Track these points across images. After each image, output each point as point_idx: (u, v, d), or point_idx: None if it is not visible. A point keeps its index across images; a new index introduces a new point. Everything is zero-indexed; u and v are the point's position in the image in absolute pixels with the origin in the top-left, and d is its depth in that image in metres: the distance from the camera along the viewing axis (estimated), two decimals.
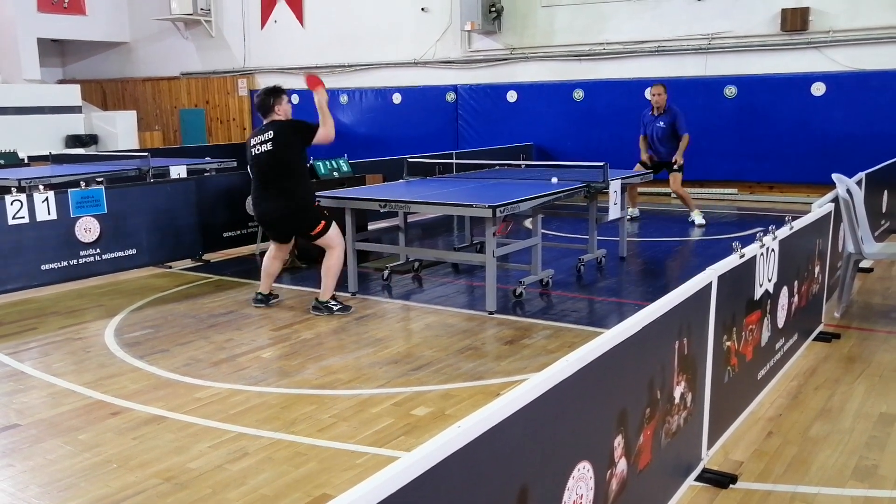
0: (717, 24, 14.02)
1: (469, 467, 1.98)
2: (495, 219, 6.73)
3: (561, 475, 2.45)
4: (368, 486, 1.66)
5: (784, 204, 13.21)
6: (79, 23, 20.68)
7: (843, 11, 13.03)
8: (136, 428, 4.73)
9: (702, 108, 14.07)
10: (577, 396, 2.50)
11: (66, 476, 4.12)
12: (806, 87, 13.31)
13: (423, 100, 17.11)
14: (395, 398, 5.09)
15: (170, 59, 21.07)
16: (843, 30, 13.07)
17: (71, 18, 20.46)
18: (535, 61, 15.92)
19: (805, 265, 5.47)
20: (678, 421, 3.41)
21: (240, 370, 5.69)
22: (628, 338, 2.81)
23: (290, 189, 6.92)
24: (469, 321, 6.83)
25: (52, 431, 4.70)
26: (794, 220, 5.02)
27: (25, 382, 5.56)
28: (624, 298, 7.52)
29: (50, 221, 7.78)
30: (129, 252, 8.55)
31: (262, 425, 4.71)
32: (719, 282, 3.71)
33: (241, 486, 3.97)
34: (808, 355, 5.71)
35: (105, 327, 6.87)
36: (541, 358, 5.75)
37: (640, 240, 10.14)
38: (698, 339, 3.56)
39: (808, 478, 3.90)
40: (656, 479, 3.28)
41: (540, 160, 15.14)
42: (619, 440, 2.82)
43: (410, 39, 17.22)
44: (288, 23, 18.84)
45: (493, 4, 15.85)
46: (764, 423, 4.57)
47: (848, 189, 6.52)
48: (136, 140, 19.69)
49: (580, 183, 8.04)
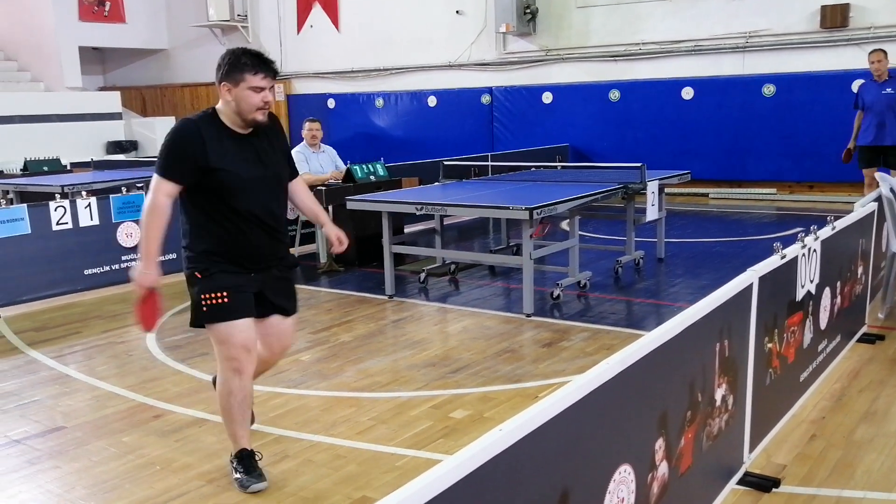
0: (755, 21, 13.87)
1: (511, 470, 1.98)
2: (532, 221, 6.71)
3: (602, 478, 2.44)
4: (413, 488, 1.67)
5: (825, 203, 13.04)
6: (118, 31, 20.97)
7: (885, 7, 12.83)
8: (179, 430, 4.78)
9: (740, 107, 13.96)
10: (617, 399, 2.49)
11: (110, 478, 4.18)
12: (847, 84, 13.10)
13: (458, 102, 17.13)
14: (434, 401, 5.10)
15: (207, 66, 21.07)
16: (885, 26, 12.86)
17: (111, 27, 20.76)
18: (571, 62, 15.87)
19: (848, 266, 5.40)
20: (719, 423, 3.38)
21: (279, 373, 5.72)
22: (669, 340, 2.79)
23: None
24: (506, 324, 6.82)
25: (97, 434, 4.76)
26: (836, 219, 4.96)
27: (70, 385, 5.64)
28: (662, 300, 7.47)
29: (92, 227, 7.90)
30: (169, 256, 8.60)
31: (301, 428, 4.73)
32: (760, 283, 3.67)
33: (282, 488, 3.99)
34: (852, 357, 5.64)
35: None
36: (579, 361, 5.72)
37: (679, 241, 10.06)
38: (739, 341, 3.53)
39: (853, 482, 3.85)
40: (698, 483, 3.25)
41: (576, 161, 15.10)
42: (661, 443, 2.80)
43: (445, 42, 17.24)
44: (324, 27, 18.95)
45: (527, 6, 15.82)
46: (807, 426, 4.52)
47: (891, 188, 6.43)
48: None
49: (617, 184, 8.00)
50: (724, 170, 14.18)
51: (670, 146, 14.44)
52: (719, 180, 14.33)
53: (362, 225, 9.05)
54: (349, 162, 9.58)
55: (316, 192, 8.71)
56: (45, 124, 17.70)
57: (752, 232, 10.72)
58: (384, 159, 10.09)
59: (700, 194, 14.26)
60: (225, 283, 3.91)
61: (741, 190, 14.14)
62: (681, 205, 13.26)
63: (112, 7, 20.72)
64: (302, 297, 7.92)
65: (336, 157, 9.73)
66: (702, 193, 14.23)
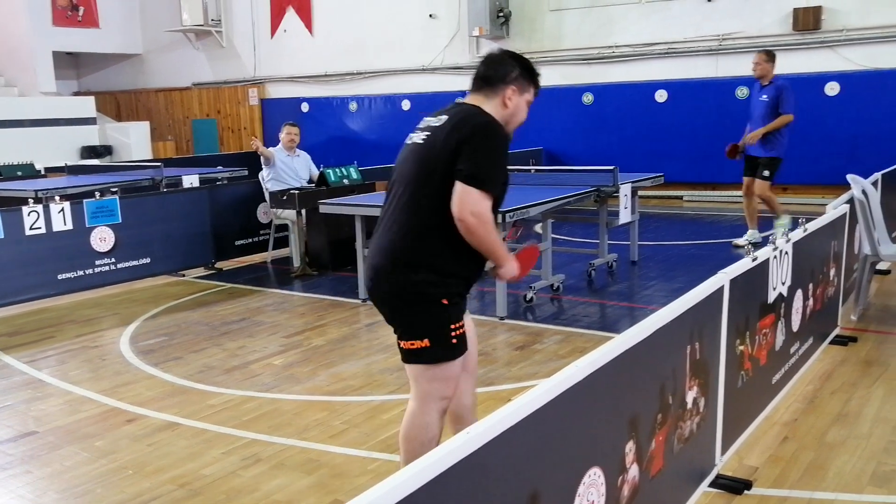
0: (728, 24, 13.97)
1: (479, 473, 1.97)
2: (505, 224, 6.72)
3: (572, 481, 2.44)
4: (378, 491, 1.66)
5: (798, 206, 13.12)
6: (93, 36, 20.81)
7: (856, 9, 12.94)
8: (151, 435, 4.75)
9: (713, 109, 14.04)
10: (587, 402, 2.49)
11: (82, 482, 4.15)
12: (820, 86, 13.24)
13: (432, 106, 16.71)
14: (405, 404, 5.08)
15: (181, 70, 21.16)
16: (857, 28, 12.98)
17: (85, 32, 20.59)
18: (544, 66, 15.88)
19: (820, 268, 5.44)
20: (691, 426, 3.39)
21: (252, 377, 5.70)
22: (639, 342, 2.79)
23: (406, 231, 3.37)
24: (480, 326, 6.81)
25: (69, 438, 4.73)
26: (808, 221, 5.00)
27: (43, 390, 5.60)
28: (635, 303, 7.50)
29: (66, 231, 7.83)
30: (143, 261, 8.60)
31: (274, 432, 4.71)
32: (731, 285, 3.69)
33: (253, 492, 3.98)
34: (825, 359, 5.68)
35: (120, 335, 6.90)
36: (552, 363, 5.74)
37: (653, 243, 10.11)
38: (711, 344, 3.55)
39: (824, 483, 3.87)
40: (669, 485, 3.26)
41: (550, 165, 15.13)
42: (631, 446, 2.80)
43: (419, 46, 17.23)
44: (297, 32, 18.89)
45: (501, 10, 15.85)
46: (779, 428, 4.55)
47: (863, 190, 6.48)
48: (150, 150, 19.78)
49: (590, 187, 8.03)
50: (697, 172, 14.24)
51: (644, 149, 14.50)
52: (693, 183, 14.40)
53: (336, 229, 9.04)
54: (322, 166, 9.56)
55: (289, 195, 8.70)
56: (19, 129, 17.53)
57: (726, 234, 10.78)
58: (358, 163, 10.07)
59: (674, 197, 14.33)
60: (462, 311, 3.45)
61: (715, 192, 14.22)
62: (654, 207, 13.32)
63: (86, 12, 20.55)
64: (275, 301, 7.94)
65: (310, 161, 9.72)
66: (675, 196, 14.30)
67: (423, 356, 3.34)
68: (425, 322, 3.32)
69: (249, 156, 13.54)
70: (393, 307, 3.40)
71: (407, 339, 3.35)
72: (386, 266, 3.34)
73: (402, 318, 3.37)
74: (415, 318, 3.33)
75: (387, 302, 3.40)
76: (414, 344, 3.33)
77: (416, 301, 3.31)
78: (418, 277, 3.29)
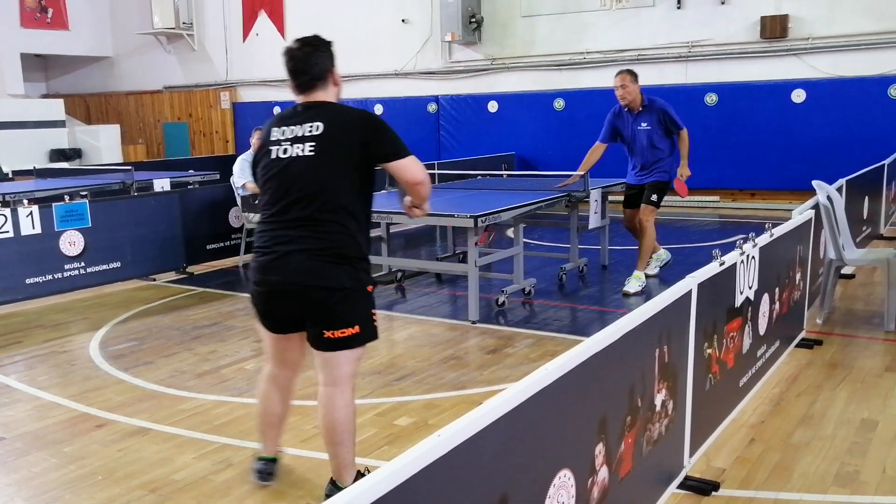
0: (697, 32, 14.12)
1: (449, 476, 2.00)
2: (477, 228, 6.76)
3: (542, 483, 2.47)
4: (347, 495, 1.68)
5: (765, 211, 13.28)
6: (62, 38, 20.65)
7: (821, 18, 13.15)
8: (121, 440, 4.72)
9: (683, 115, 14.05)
10: (556, 405, 2.52)
11: (51, 489, 4.12)
12: (786, 93, 13.42)
13: (404, 111, 17.13)
14: (378, 408, 5.10)
15: (152, 73, 21.04)
16: (822, 37, 13.19)
17: (54, 33, 20.44)
18: (516, 71, 15.99)
19: (786, 272, 5.52)
20: (659, 428, 3.44)
21: (224, 381, 5.69)
22: (608, 346, 2.83)
23: (338, 230, 3.62)
24: (452, 331, 6.85)
25: (37, 444, 4.69)
26: (774, 227, 5.07)
27: (10, 396, 5.55)
28: (606, 307, 7.56)
29: (34, 235, 7.76)
30: (113, 265, 8.54)
31: (246, 436, 4.71)
32: (699, 289, 3.74)
33: (225, 496, 3.97)
34: (791, 362, 5.75)
35: (90, 340, 6.85)
36: (523, 367, 5.77)
37: (623, 248, 10.17)
38: (679, 347, 3.59)
39: (790, 484, 3.93)
40: (638, 487, 3.30)
41: (521, 170, 15.20)
42: (600, 448, 2.84)
43: (391, 51, 17.26)
44: (269, 35, 18.84)
45: (473, 15, 15.91)
46: (746, 430, 4.60)
47: (828, 195, 6.58)
48: (120, 154, 19.66)
49: (561, 192, 8.09)
50: None
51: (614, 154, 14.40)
52: None
53: None
54: None
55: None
56: None
57: (695, 239, 10.88)
58: None
59: None
60: None
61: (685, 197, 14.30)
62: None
63: (55, 14, 20.40)
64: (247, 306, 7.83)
65: None
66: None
67: (354, 341, 3.66)
68: (360, 310, 3.65)
69: (222, 159, 13.50)
70: (332, 302, 3.59)
71: (340, 328, 3.60)
72: (325, 267, 3.57)
73: (339, 310, 3.60)
74: (354, 307, 3.63)
75: (322, 300, 3.58)
76: (346, 332, 3.61)
77: (356, 291, 3.63)
78: (359, 268, 3.65)
